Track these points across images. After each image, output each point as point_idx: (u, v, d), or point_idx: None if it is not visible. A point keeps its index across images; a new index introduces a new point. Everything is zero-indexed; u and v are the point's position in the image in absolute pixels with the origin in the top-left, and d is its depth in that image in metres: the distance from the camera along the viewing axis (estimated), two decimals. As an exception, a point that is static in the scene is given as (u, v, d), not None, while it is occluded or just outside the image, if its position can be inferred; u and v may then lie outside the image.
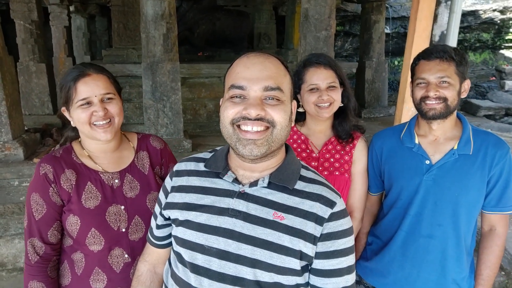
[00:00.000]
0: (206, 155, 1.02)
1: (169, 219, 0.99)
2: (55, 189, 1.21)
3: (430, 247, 1.40)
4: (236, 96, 0.85)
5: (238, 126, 0.84)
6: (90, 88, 1.18)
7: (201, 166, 0.99)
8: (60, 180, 1.21)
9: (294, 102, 0.94)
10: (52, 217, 1.22)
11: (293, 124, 0.95)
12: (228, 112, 0.85)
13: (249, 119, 0.82)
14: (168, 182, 1.02)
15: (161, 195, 1.04)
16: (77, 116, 1.20)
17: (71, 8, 7.33)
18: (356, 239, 1.66)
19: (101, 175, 1.26)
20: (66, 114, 1.24)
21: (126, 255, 1.25)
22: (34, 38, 5.05)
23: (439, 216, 1.38)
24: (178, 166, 1.03)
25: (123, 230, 1.24)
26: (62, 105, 1.24)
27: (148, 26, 3.42)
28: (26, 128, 3.97)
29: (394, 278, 1.47)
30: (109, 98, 1.21)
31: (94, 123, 1.19)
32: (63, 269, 1.29)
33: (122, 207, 1.26)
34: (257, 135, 0.83)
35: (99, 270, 1.24)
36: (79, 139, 1.31)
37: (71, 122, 1.24)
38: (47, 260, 1.24)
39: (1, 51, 3.40)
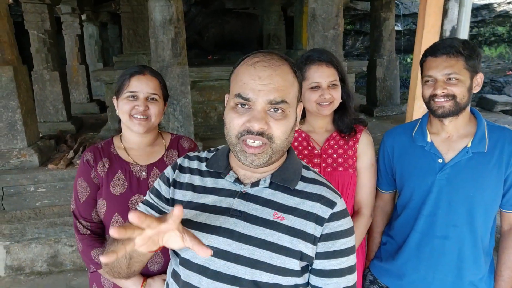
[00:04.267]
0: (208, 154, 1.02)
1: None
2: (94, 173, 1.37)
3: (446, 249, 1.34)
4: (241, 105, 0.85)
5: (243, 140, 0.84)
6: (141, 84, 1.33)
7: (203, 166, 0.99)
8: (97, 166, 1.38)
9: (300, 105, 0.93)
10: (94, 197, 1.38)
11: (297, 128, 0.94)
12: (234, 124, 0.85)
13: (252, 133, 0.83)
14: (170, 174, 1.01)
15: (160, 183, 1.01)
16: (121, 105, 1.34)
17: (83, 17, 7.48)
18: (370, 238, 1.63)
19: (131, 166, 1.38)
20: (114, 102, 1.39)
21: None
22: (47, 47, 5.17)
23: (454, 216, 1.32)
24: (182, 162, 1.02)
25: None
26: (114, 93, 1.40)
27: (156, 31, 3.45)
28: (41, 135, 4.07)
29: (409, 280, 1.42)
30: (153, 99, 1.34)
31: (134, 115, 1.33)
32: None
33: None
34: (258, 149, 0.84)
35: None
36: (120, 134, 1.45)
37: (116, 111, 1.38)
38: (97, 234, 1.39)
39: (15, 61, 3.50)
